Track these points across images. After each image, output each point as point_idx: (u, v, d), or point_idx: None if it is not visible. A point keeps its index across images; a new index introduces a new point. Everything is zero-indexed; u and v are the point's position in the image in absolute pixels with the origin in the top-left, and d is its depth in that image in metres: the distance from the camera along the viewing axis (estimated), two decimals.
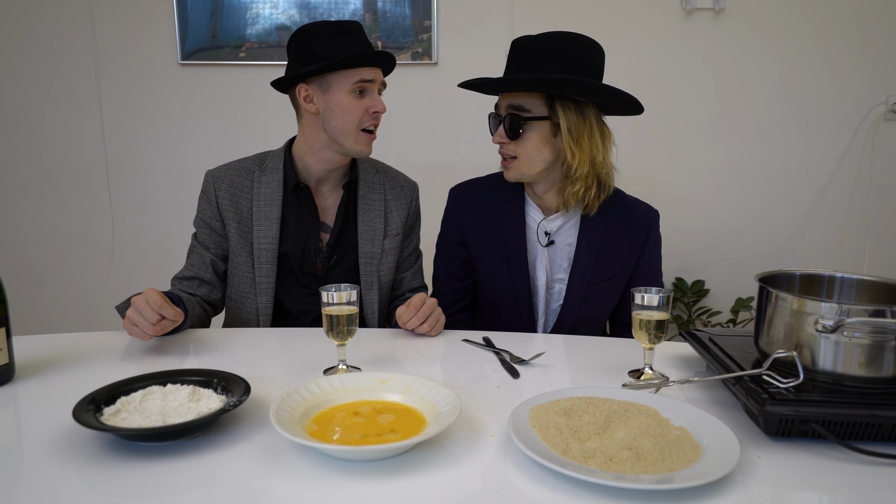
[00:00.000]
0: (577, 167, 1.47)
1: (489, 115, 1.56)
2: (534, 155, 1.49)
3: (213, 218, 1.58)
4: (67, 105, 2.73)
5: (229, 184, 1.58)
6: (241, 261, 1.58)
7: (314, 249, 1.62)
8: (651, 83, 2.71)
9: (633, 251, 1.60)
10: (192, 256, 1.61)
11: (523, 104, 1.47)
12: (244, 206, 1.58)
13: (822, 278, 1.18)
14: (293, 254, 1.60)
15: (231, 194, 1.58)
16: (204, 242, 1.60)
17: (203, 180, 1.62)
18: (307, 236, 1.61)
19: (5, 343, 1.12)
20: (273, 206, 1.58)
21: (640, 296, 1.16)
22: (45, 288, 2.87)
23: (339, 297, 1.15)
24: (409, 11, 2.65)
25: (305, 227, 1.60)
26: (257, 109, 2.71)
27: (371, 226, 1.64)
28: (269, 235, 1.57)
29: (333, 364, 1.22)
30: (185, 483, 0.82)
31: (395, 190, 1.70)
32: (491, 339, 1.39)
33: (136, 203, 2.82)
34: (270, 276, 1.58)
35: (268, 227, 1.57)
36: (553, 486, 0.81)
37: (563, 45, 1.42)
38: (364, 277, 1.63)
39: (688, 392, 1.13)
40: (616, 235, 1.58)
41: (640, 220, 1.61)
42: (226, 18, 2.65)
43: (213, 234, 1.59)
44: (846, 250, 2.86)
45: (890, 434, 0.91)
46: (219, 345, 1.36)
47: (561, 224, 1.59)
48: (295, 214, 1.60)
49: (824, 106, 2.74)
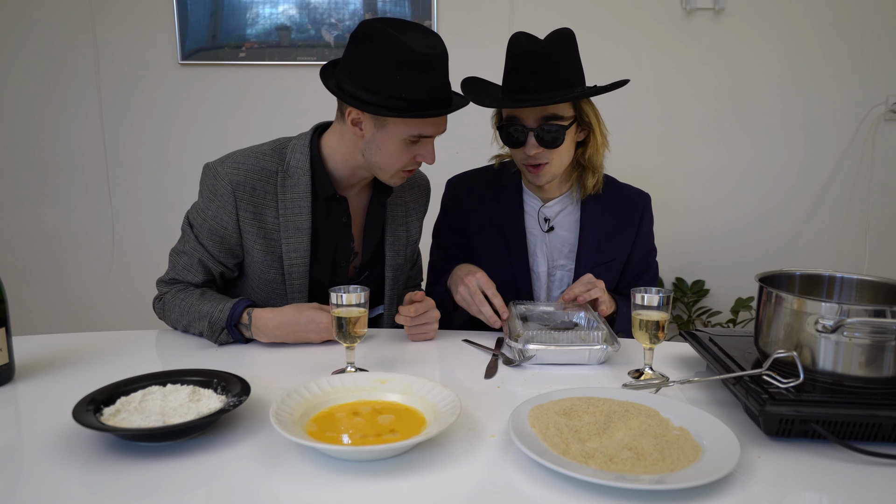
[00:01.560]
0: (600, 159, 1.55)
1: (501, 127, 1.52)
2: (564, 157, 1.52)
3: (227, 229, 1.38)
4: (67, 105, 2.73)
5: (251, 192, 1.37)
6: (271, 277, 1.43)
7: (345, 260, 1.51)
8: (651, 83, 2.71)
9: (629, 233, 1.66)
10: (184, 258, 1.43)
11: (556, 112, 1.46)
12: (269, 217, 1.39)
13: (822, 278, 1.18)
14: (324, 266, 1.47)
15: (254, 205, 1.37)
16: (207, 247, 1.41)
17: (210, 177, 1.39)
18: (337, 245, 1.47)
19: (5, 343, 1.12)
20: (302, 215, 1.39)
21: (640, 296, 1.16)
22: (45, 288, 2.87)
23: (348, 298, 1.15)
24: (409, 11, 2.65)
25: (336, 236, 1.46)
26: (257, 109, 2.72)
27: (396, 235, 1.56)
28: (301, 248, 1.41)
29: (338, 366, 1.22)
30: (185, 483, 0.82)
31: (413, 191, 1.60)
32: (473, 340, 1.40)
33: (136, 203, 2.82)
34: (303, 290, 1.45)
35: (298, 240, 1.40)
36: (553, 486, 0.81)
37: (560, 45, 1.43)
38: (389, 291, 1.57)
39: (688, 392, 1.12)
40: (613, 219, 1.63)
41: (633, 203, 1.67)
42: (226, 18, 2.65)
43: (222, 244, 1.41)
44: (846, 250, 2.86)
45: (890, 434, 0.91)
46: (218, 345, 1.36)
47: (560, 210, 1.62)
48: (325, 223, 1.44)
49: (824, 106, 2.74)
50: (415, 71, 1.23)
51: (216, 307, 1.34)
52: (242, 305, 1.34)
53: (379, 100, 1.25)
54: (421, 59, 1.23)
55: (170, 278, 1.45)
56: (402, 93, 1.24)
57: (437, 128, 1.34)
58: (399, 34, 1.23)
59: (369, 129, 1.32)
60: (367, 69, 1.26)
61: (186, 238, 1.44)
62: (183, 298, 1.39)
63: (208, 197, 1.39)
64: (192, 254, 1.42)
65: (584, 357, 1.24)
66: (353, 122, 1.33)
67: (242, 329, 1.34)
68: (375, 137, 1.32)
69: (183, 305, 1.38)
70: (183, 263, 1.43)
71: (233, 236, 1.40)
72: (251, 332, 1.34)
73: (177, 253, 1.45)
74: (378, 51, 1.23)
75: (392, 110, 1.25)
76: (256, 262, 1.42)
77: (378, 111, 1.26)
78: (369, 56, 1.25)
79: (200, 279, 1.43)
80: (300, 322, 1.33)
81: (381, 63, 1.23)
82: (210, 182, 1.39)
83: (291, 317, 1.33)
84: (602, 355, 1.24)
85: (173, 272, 1.44)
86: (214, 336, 1.34)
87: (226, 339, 1.35)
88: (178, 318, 1.40)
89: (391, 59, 1.22)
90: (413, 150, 1.34)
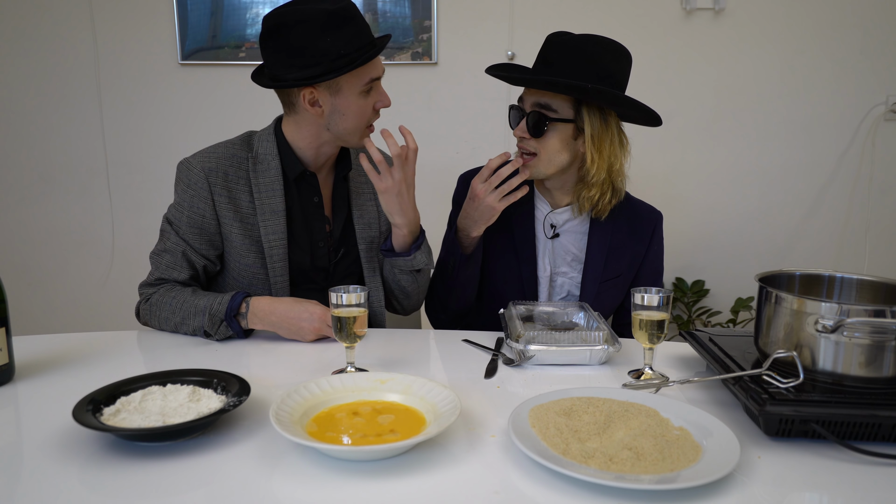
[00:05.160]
0: (594, 174, 1.49)
1: (510, 107, 1.53)
2: (553, 155, 1.49)
3: (205, 217, 1.42)
4: (67, 105, 2.73)
5: (224, 177, 1.42)
6: (251, 262, 1.45)
7: (322, 241, 1.53)
8: (651, 83, 2.71)
9: (638, 252, 1.64)
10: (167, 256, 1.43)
11: (550, 104, 1.46)
12: (244, 201, 1.44)
13: (822, 278, 1.18)
14: (303, 247, 1.50)
15: (228, 189, 1.42)
16: (189, 240, 1.43)
17: (184, 170, 1.43)
18: (312, 226, 1.51)
19: (5, 343, 1.12)
20: (276, 197, 1.45)
21: (640, 296, 1.16)
22: (45, 288, 2.87)
23: (348, 298, 1.15)
24: (409, 11, 2.65)
25: (310, 216, 1.51)
26: (257, 109, 2.71)
27: (364, 209, 1.57)
28: (278, 231, 1.45)
29: (338, 366, 1.22)
30: (185, 483, 0.82)
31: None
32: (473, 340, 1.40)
33: (136, 203, 2.82)
34: (284, 274, 1.48)
35: (274, 222, 1.45)
36: (553, 486, 0.81)
37: (597, 52, 1.43)
38: (366, 264, 1.58)
39: (688, 392, 1.13)
40: (622, 236, 1.61)
41: (645, 222, 1.65)
42: (226, 18, 2.65)
43: (202, 234, 1.43)
44: (846, 250, 2.86)
45: (890, 434, 0.91)
46: (219, 345, 1.36)
47: (567, 219, 1.61)
48: (299, 204, 1.49)
49: (824, 106, 2.74)
50: (339, 27, 1.31)
51: (214, 300, 1.36)
52: (241, 296, 1.37)
53: (324, 68, 1.31)
54: (337, 15, 1.31)
55: (155, 279, 1.44)
56: (339, 50, 1.31)
57: (380, 68, 1.41)
58: (303, 6, 1.31)
59: (327, 102, 1.38)
60: (297, 50, 1.32)
61: (167, 236, 1.46)
62: (174, 296, 1.39)
63: (183, 189, 1.43)
64: (174, 250, 1.43)
65: (585, 357, 1.24)
66: (311, 104, 1.38)
67: (240, 319, 1.36)
68: (335, 105, 1.38)
69: (174, 303, 1.38)
70: (166, 262, 1.43)
71: (211, 224, 1.43)
72: (247, 321, 1.36)
73: (158, 254, 1.45)
74: (298, 30, 1.30)
75: (341, 69, 1.31)
76: (236, 248, 1.45)
77: (330, 76, 1.32)
78: (293, 38, 1.31)
79: (186, 275, 1.44)
80: (295, 309, 1.35)
81: (307, 37, 1.30)
82: (184, 175, 1.44)
83: (288, 305, 1.36)
84: (603, 355, 1.24)
85: (157, 272, 1.44)
86: (214, 328, 1.35)
87: (224, 331, 1.36)
88: (168, 316, 1.39)
89: (314, 29, 1.30)
90: (370, 101, 1.41)
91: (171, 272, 1.43)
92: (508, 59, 2.68)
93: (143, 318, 1.47)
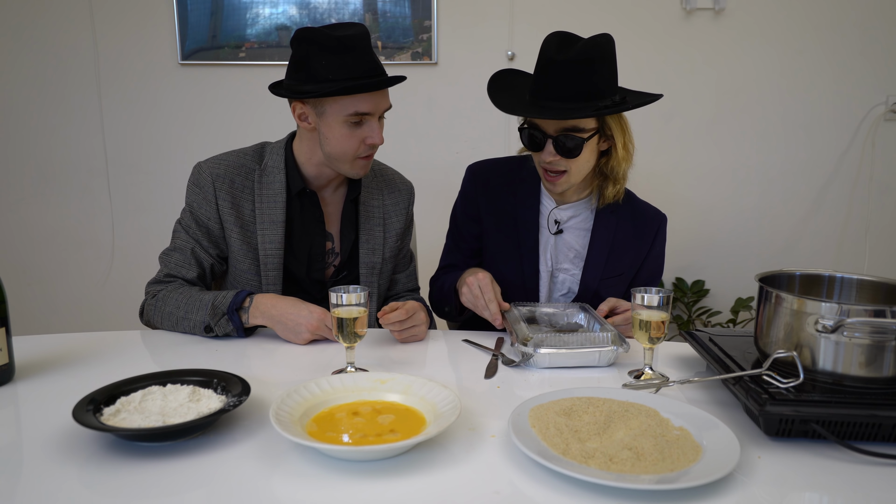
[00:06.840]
0: (623, 171, 1.52)
1: (522, 129, 1.49)
2: (584, 166, 1.49)
3: (210, 219, 1.49)
4: (67, 105, 2.73)
5: (230, 184, 1.48)
6: (245, 268, 1.51)
7: (320, 254, 1.57)
8: (651, 83, 2.71)
9: (640, 251, 1.64)
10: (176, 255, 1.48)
11: (577, 124, 1.43)
12: (246, 209, 1.50)
13: (822, 278, 1.18)
14: (299, 259, 1.54)
15: (232, 195, 1.48)
16: (197, 238, 1.49)
17: (195, 172, 1.50)
18: (311, 240, 1.55)
19: (5, 343, 1.12)
20: (277, 209, 1.50)
21: (640, 296, 1.16)
22: (45, 288, 2.87)
23: (348, 298, 1.15)
24: (409, 11, 2.65)
25: (310, 231, 1.55)
26: (257, 109, 2.71)
27: (371, 234, 1.61)
28: (275, 240, 1.50)
29: (338, 366, 1.22)
30: (185, 483, 0.82)
31: (393, 195, 1.66)
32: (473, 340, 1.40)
33: (136, 203, 2.82)
34: (277, 283, 1.52)
35: (273, 232, 1.50)
36: (553, 486, 0.81)
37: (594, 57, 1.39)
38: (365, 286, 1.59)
39: (688, 392, 1.13)
40: (626, 235, 1.62)
41: (649, 223, 1.65)
42: (226, 18, 2.65)
43: (208, 234, 1.50)
44: (846, 250, 2.86)
45: (890, 434, 0.91)
46: (219, 345, 1.36)
47: (572, 215, 1.61)
48: (299, 218, 1.54)
49: (824, 106, 2.74)
50: (335, 54, 1.36)
51: (219, 294, 1.40)
52: (245, 293, 1.40)
53: (310, 87, 1.38)
54: (341, 42, 1.36)
55: (164, 275, 1.49)
56: (328, 75, 1.36)
57: (373, 104, 1.40)
58: (325, 29, 1.38)
59: (314, 119, 1.43)
60: (297, 64, 1.40)
61: (177, 235, 1.52)
62: (182, 292, 1.43)
63: (193, 190, 1.50)
64: (184, 248, 1.50)
65: (594, 359, 1.24)
66: (300, 118, 1.45)
67: (241, 313, 1.38)
68: (320, 126, 1.43)
69: (180, 298, 1.41)
70: (175, 260, 1.49)
71: (215, 226, 1.50)
72: (248, 315, 1.38)
73: (168, 252, 1.51)
74: (304, 45, 1.38)
75: (324, 93, 1.36)
76: (234, 252, 1.51)
77: (311, 95, 1.38)
78: (300, 53, 1.39)
79: (194, 273, 1.48)
80: (297, 307, 1.37)
81: (308, 55, 1.37)
82: (195, 177, 1.51)
83: (291, 302, 1.38)
84: (612, 356, 1.24)
85: (167, 269, 1.49)
86: (215, 320, 1.36)
87: (225, 325, 1.37)
88: (172, 311, 1.41)
89: (316, 49, 1.36)
90: (359, 134, 1.42)
91: (181, 269, 1.48)
92: (508, 59, 2.68)
93: (146, 316, 1.49)
